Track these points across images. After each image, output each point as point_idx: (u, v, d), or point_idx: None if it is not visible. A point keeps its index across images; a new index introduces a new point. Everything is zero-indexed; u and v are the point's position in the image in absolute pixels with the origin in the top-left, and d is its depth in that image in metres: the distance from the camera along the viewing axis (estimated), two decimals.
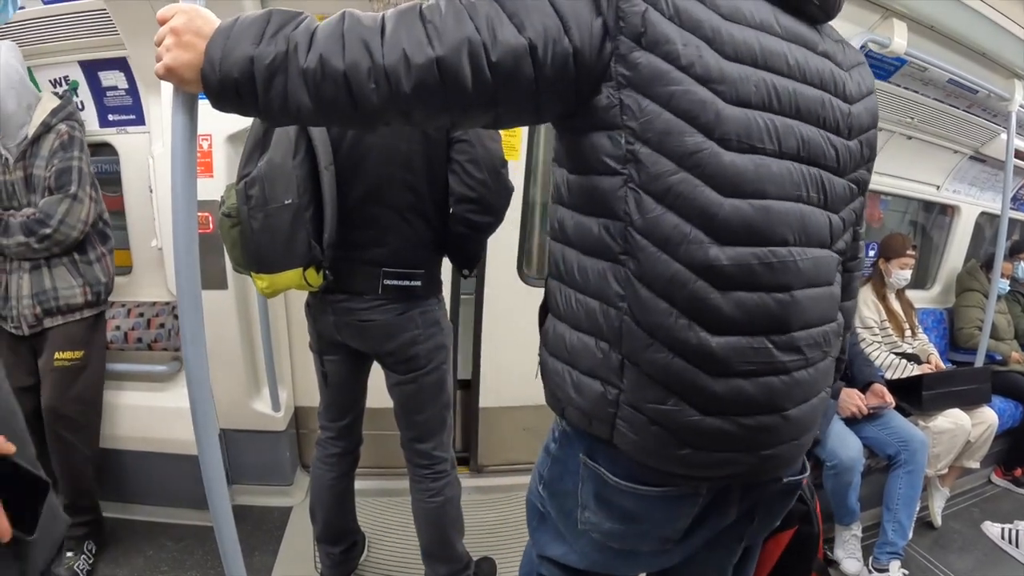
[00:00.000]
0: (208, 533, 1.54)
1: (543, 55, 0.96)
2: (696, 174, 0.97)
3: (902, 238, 3.58)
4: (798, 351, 1.07)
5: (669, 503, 1.13)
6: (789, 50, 1.05)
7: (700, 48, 0.97)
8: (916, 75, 3.29)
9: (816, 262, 1.08)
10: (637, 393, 1.05)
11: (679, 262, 0.99)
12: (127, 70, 2.74)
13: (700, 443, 1.05)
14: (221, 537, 1.38)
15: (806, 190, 1.06)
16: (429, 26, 0.95)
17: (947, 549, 3.20)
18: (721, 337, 1.01)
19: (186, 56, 1.03)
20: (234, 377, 2.90)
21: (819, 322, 1.11)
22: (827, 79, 1.09)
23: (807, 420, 1.13)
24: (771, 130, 1.01)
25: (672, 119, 0.97)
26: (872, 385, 2.96)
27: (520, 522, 2.70)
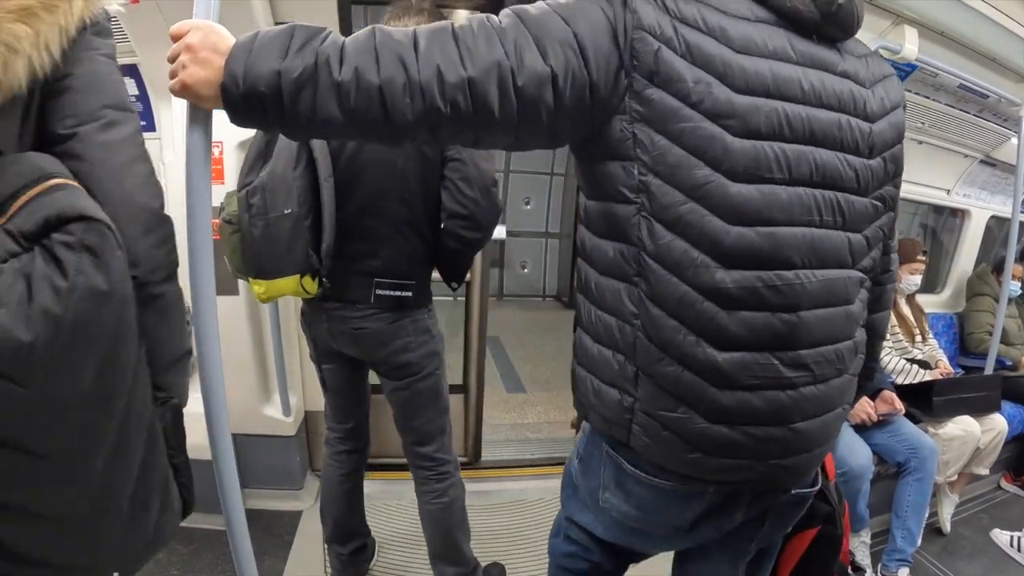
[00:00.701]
0: (218, 537, 1.55)
1: (563, 84, 1.01)
2: (704, 204, 1.03)
3: (912, 243, 3.57)
4: (805, 368, 1.12)
5: (678, 497, 1.21)
6: (804, 75, 1.08)
7: (711, 85, 1.02)
8: (927, 80, 3.27)
9: (828, 283, 1.12)
10: (650, 402, 1.13)
11: (688, 284, 1.06)
12: (138, 77, 2.74)
13: (709, 449, 1.12)
14: (234, 542, 1.39)
15: (819, 214, 1.09)
16: (462, 46, 1.00)
17: (956, 556, 3.19)
18: (727, 353, 1.07)
19: (203, 73, 1.03)
20: (245, 382, 2.91)
21: (829, 341, 1.14)
22: (846, 100, 1.11)
23: (818, 434, 1.17)
24: (781, 159, 1.05)
25: (682, 154, 1.03)
26: (882, 392, 2.94)
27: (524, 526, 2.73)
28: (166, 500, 1.04)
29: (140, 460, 0.95)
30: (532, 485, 3.46)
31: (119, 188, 0.98)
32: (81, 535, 0.88)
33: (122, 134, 1.02)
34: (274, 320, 2.84)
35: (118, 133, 1.01)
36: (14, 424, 0.78)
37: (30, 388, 0.76)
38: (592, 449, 1.32)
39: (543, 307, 8.06)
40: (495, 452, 3.79)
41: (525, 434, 4.15)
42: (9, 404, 0.76)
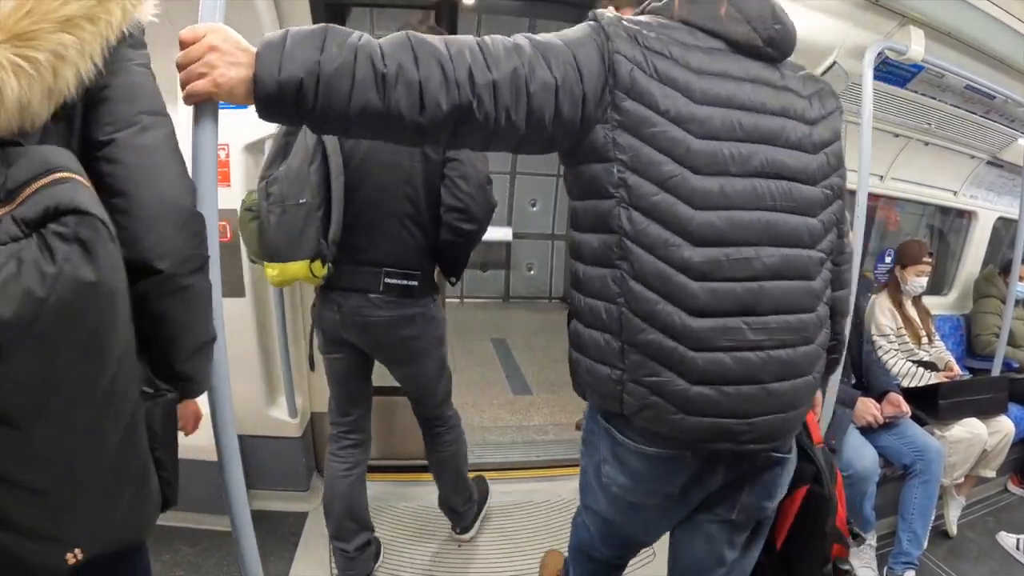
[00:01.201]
0: (224, 538, 1.56)
1: (563, 94, 1.22)
2: (673, 194, 1.25)
3: (919, 245, 3.56)
4: (771, 332, 1.31)
5: (665, 464, 1.38)
6: (751, 89, 1.32)
7: (675, 98, 1.25)
8: (933, 81, 3.26)
9: (787, 259, 1.32)
10: (636, 371, 1.31)
11: (663, 261, 1.26)
12: None
13: (690, 409, 1.28)
14: (240, 543, 1.40)
15: (772, 200, 1.31)
16: (487, 54, 1.19)
17: (962, 559, 3.17)
18: (700, 319, 1.26)
19: (235, 70, 1.11)
20: (251, 383, 2.92)
21: (791, 311, 1.33)
22: (787, 108, 1.35)
23: (791, 397, 1.35)
24: (735, 155, 1.28)
25: (654, 153, 1.25)
26: (888, 394, 2.94)
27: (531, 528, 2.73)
28: (142, 490, 1.06)
29: (115, 446, 0.97)
30: (538, 487, 3.46)
31: (151, 188, 1.06)
32: (46, 507, 0.93)
33: (156, 138, 1.10)
34: (280, 322, 2.85)
35: (152, 137, 1.09)
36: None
37: (7, 362, 0.81)
38: (592, 426, 1.52)
39: (549, 309, 8.04)
40: (501, 454, 3.80)
41: (532, 436, 4.15)
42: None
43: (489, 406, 4.59)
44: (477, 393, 4.85)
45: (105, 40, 1.01)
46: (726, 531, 1.53)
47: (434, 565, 2.84)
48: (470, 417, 4.30)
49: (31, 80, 0.90)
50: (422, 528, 3.06)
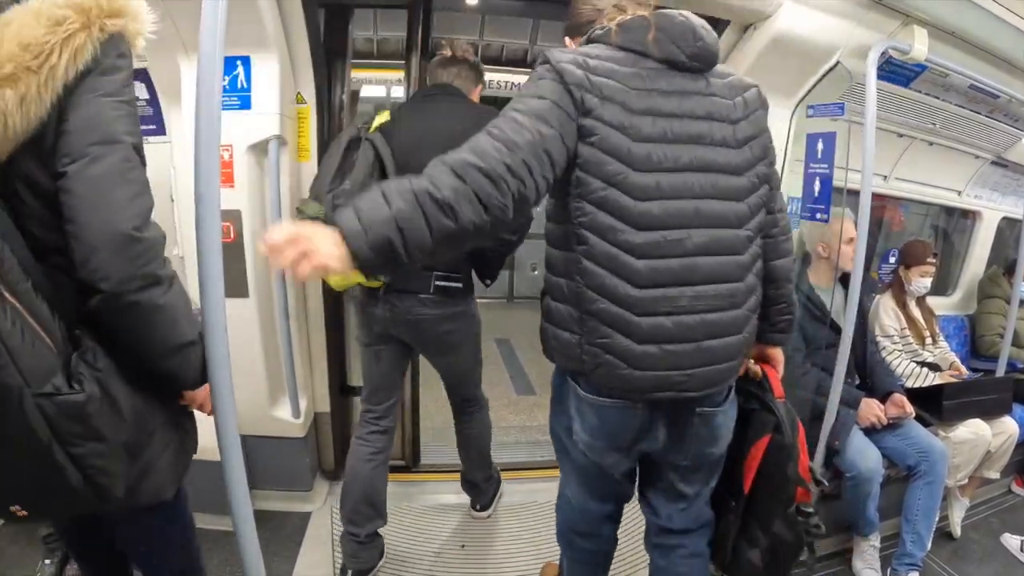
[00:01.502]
0: (226, 538, 1.56)
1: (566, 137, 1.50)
2: (618, 189, 1.53)
3: (923, 245, 3.56)
4: (704, 299, 1.59)
5: (620, 412, 1.68)
6: (680, 100, 1.58)
7: (616, 111, 1.52)
8: (937, 81, 3.26)
9: (714, 238, 1.59)
10: (591, 334, 1.60)
11: (611, 244, 1.54)
12: (148, 82, 2.76)
13: (637, 364, 1.57)
14: (242, 543, 1.40)
15: (700, 190, 1.58)
16: (504, 141, 1.43)
17: (966, 560, 3.16)
18: (643, 290, 1.54)
19: (327, 248, 1.25)
20: (254, 384, 2.92)
21: (722, 280, 1.61)
22: (713, 112, 1.61)
23: (722, 352, 1.63)
24: (667, 156, 1.55)
25: (601, 155, 1.52)
26: (892, 395, 2.93)
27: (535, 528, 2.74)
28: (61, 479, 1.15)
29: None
30: (543, 487, 3.45)
31: (96, 215, 1.14)
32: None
33: (103, 167, 1.15)
34: (284, 323, 2.85)
35: (100, 167, 1.15)
36: None
37: None
38: (560, 383, 1.86)
39: None
40: (506, 455, 3.80)
41: (535, 436, 4.14)
42: None
43: (493, 406, 4.52)
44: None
45: (53, 84, 1.11)
46: (681, 473, 1.85)
47: (437, 565, 2.84)
48: None
49: None
50: (425, 528, 3.06)
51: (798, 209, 3.04)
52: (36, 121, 1.11)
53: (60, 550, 2.62)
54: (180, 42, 2.49)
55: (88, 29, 1.14)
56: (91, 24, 1.15)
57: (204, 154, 1.20)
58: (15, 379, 1.05)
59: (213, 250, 1.22)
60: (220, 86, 1.26)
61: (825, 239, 3.00)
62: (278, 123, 2.67)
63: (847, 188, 2.74)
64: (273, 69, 2.63)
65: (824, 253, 3.03)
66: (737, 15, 2.82)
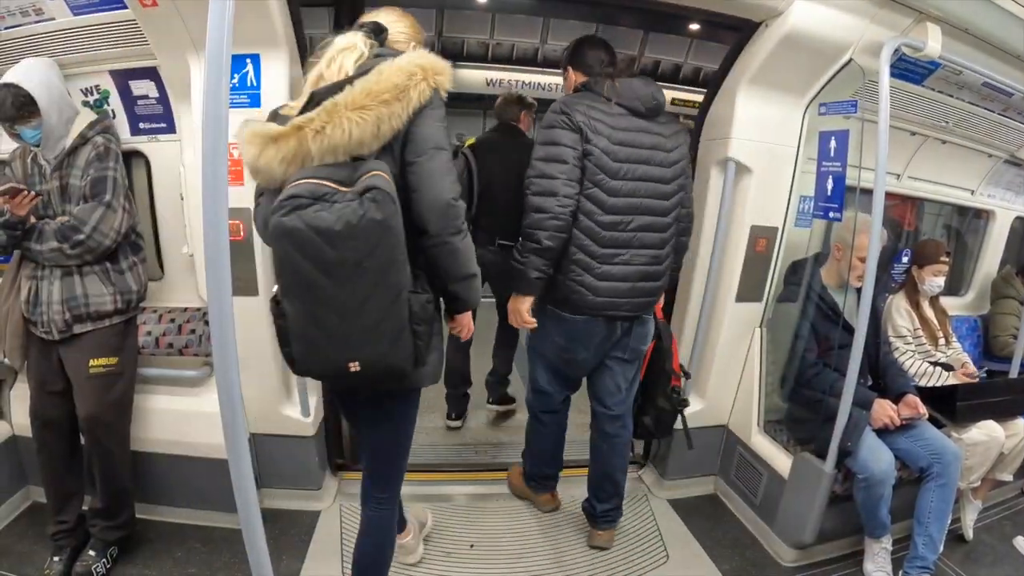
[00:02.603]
0: (237, 536, 1.55)
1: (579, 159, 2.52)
2: (599, 188, 2.52)
3: (935, 244, 3.53)
4: (639, 258, 2.61)
5: (586, 324, 2.68)
6: (637, 135, 2.56)
7: (601, 140, 2.50)
8: (950, 79, 3.22)
9: (651, 223, 2.61)
10: (569, 275, 2.59)
11: (589, 219, 2.54)
12: (158, 79, 2.77)
13: (596, 294, 2.59)
14: (249, 541, 1.40)
15: (645, 192, 2.57)
16: (548, 177, 2.49)
17: (978, 564, 3.14)
18: (604, 249, 2.56)
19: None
20: (265, 382, 2.93)
21: (652, 247, 2.64)
22: (656, 144, 2.60)
23: (648, 290, 2.69)
24: (629, 170, 2.54)
25: (591, 167, 2.50)
26: (905, 396, 2.90)
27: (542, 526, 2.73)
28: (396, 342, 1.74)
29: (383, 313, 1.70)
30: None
31: (430, 191, 1.80)
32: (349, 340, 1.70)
33: (436, 163, 1.82)
34: None
35: (434, 162, 1.81)
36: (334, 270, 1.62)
37: (336, 249, 1.58)
38: (543, 317, 2.74)
39: None
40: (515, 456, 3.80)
41: None
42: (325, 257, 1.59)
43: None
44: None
45: (408, 110, 1.76)
46: (621, 366, 2.88)
47: (446, 565, 2.84)
48: (481, 417, 4.32)
49: (364, 128, 1.69)
50: (434, 527, 3.06)
51: (810, 208, 3.02)
52: (393, 131, 1.75)
53: (68, 547, 2.64)
54: (190, 40, 2.49)
55: (426, 80, 1.78)
56: (427, 77, 1.79)
57: (212, 152, 1.19)
58: (404, 282, 1.71)
59: (221, 247, 1.21)
60: (228, 83, 1.25)
61: (840, 240, 2.97)
62: None
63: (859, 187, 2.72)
64: (283, 67, 2.62)
65: (838, 256, 3.00)
66: (749, 12, 2.80)
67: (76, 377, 2.57)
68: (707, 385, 3.43)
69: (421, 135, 1.79)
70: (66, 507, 2.68)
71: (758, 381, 3.32)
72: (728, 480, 3.50)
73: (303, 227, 1.57)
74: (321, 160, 1.69)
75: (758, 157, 3.05)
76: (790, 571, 2.97)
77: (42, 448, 2.64)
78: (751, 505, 3.28)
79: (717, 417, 3.50)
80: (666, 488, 3.54)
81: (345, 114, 1.67)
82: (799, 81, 2.99)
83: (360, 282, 1.64)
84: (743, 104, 2.99)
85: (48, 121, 2.46)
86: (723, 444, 3.54)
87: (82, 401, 2.57)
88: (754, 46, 2.90)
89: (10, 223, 2.42)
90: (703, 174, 3.22)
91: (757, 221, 3.14)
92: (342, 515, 3.14)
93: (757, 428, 3.31)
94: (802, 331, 3.07)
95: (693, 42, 7.45)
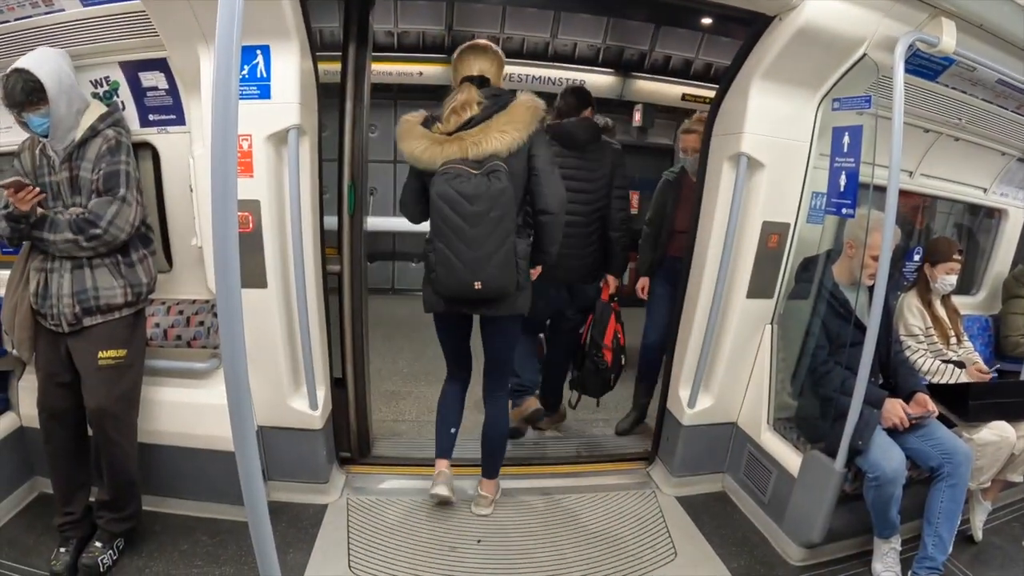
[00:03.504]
0: (243, 529, 1.54)
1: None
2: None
3: (948, 242, 3.50)
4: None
5: (546, 287, 3.40)
6: (571, 160, 3.61)
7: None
8: (964, 75, 3.20)
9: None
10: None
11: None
12: (167, 71, 2.77)
13: (555, 265, 3.10)
14: (256, 534, 1.39)
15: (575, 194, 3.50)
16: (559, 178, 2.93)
17: (987, 565, 3.12)
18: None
19: None
20: (273, 375, 2.94)
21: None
22: (580, 165, 3.64)
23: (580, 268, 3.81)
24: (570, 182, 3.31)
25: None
26: (916, 394, 2.88)
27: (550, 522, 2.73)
28: (505, 270, 2.68)
29: (502, 247, 2.65)
30: (556, 483, 3.52)
31: (549, 189, 2.75)
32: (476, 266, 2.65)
33: (553, 173, 2.76)
34: (303, 314, 2.85)
35: (552, 173, 2.77)
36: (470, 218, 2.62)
37: (472, 205, 2.59)
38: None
39: None
40: (522, 451, 3.88)
41: (550, 433, 4.23)
42: (464, 210, 2.60)
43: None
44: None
45: (527, 132, 2.70)
46: (572, 320, 3.92)
47: (453, 560, 2.84)
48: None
49: (502, 143, 2.65)
50: (440, 523, 3.07)
51: (822, 205, 3.00)
52: (518, 145, 2.68)
53: (75, 539, 2.64)
54: (200, 31, 2.48)
55: (538, 114, 2.74)
56: (538, 112, 2.74)
57: (221, 143, 1.17)
58: (511, 228, 2.66)
59: (230, 239, 1.19)
60: (238, 75, 1.24)
61: (853, 237, 2.95)
62: (298, 112, 2.67)
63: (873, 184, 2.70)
64: (293, 58, 2.62)
65: (851, 253, 2.98)
66: (762, 5, 2.77)
67: (84, 369, 2.57)
68: (716, 382, 3.41)
69: (544, 155, 2.76)
70: (73, 499, 2.68)
71: (768, 378, 3.30)
72: (737, 478, 3.49)
73: (453, 192, 2.59)
74: (471, 157, 2.66)
75: (771, 152, 3.03)
76: (798, 570, 2.95)
77: (49, 439, 2.64)
78: (760, 503, 3.26)
79: (726, 414, 3.49)
80: (674, 485, 3.52)
81: (492, 134, 2.66)
82: (812, 76, 2.97)
83: (485, 226, 2.60)
84: (756, 98, 2.97)
85: (56, 111, 2.45)
86: (732, 441, 3.52)
87: (90, 393, 2.56)
88: (767, 40, 2.88)
89: (14, 216, 2.43)
90: (714, 169, 3.21)
91: (769, 217, 3.12)
92: (349, 509, 3.13)
93: (767, 425, 3.29)
94: (813, 328, 3.04)
95: (705, 37, 7.41)
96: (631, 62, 7.88)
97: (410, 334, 6.18)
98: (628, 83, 7.93)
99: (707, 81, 7.64)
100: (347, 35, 3.08)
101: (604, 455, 3.94)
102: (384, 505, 3.20)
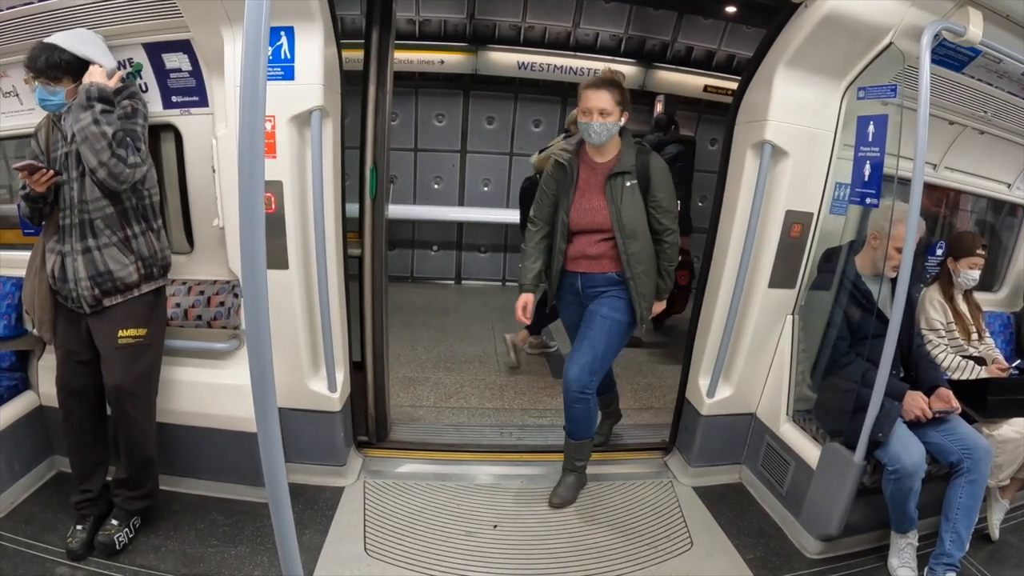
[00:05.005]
0: (259, 509, 1.54)
1: None
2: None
3: (972, 236, 3.46)
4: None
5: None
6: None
7: None
8: (990, 67, 3.15)
9: None
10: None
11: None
12: (191, 52, 2.77)
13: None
14: (276, 514, 1.39)
15: None
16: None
17: (1003, 564, 3.08)
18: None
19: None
20: (293, 357, 2.95)
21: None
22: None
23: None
24: None
25: None
26: (938, 389, 2.84)
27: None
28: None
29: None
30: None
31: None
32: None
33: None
34: (324, 296, 2.86)
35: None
36: None
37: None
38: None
39: None
40: (539, 437, 3.88)
41: None
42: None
43: (529, 389, 4.65)
44: (519, 375, 4.93)
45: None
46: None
47: (469, 545, 2.85)
48: (510, 399, 4.34)
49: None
50: (457, 508, 3.09)
51: (845, 195, 2.97)
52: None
53: (91, 516, 2.66)
54: (224, 13, 2.49)
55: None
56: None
57: (248, 124, 1.17)
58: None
59: (256, 220, 1.19)
60: (266, 56, 1.23)
61: (877, 228, 2.92)
62: (321, 94, 2.67)
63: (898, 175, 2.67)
64: (317, 40, 2.63)
65: (875, 244, 2.95)
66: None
67: (104, 347, 2.58)
68: (736, 372, 3.39)
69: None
70: (90, 476, 2.71)
71: (789, 369, 3.28)
72: (754, 469, 3.47)
73: None
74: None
75: (795, 140, 3.00)
76: (815, 563, 2.93)
77: (68, 417, 2.65)
78: (777, 495, 3.25)
79: (745, 405, 3.47)
80: (691, 475, 3.52)
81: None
82: (837, 64, 2.93)
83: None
84: (780, 87, 2.94)
85: (109, 64, 2.56)
86: (750, 432, 3.51)
87: (109, 371, 2.58)
88: (792, 27, 2.85)
89: (31, 196, 2.45)
90: (738, 158, 3.19)
91: (792, 206, 3.09)
92: (366, 492, 3.15)
93: (786, 417, 3.27)
94: (835, 319, 3.01)
95: (728, 28, 7.34)
96: (653, 52, 7.81)
97: (429, 321, 6.21)
98: (650, 73, 7.86)
99: (729, 72, 7.59)
100: (370, 19, 3.09)
101: (621, 444, 3.91)
102: (401, 489, 3.21)
